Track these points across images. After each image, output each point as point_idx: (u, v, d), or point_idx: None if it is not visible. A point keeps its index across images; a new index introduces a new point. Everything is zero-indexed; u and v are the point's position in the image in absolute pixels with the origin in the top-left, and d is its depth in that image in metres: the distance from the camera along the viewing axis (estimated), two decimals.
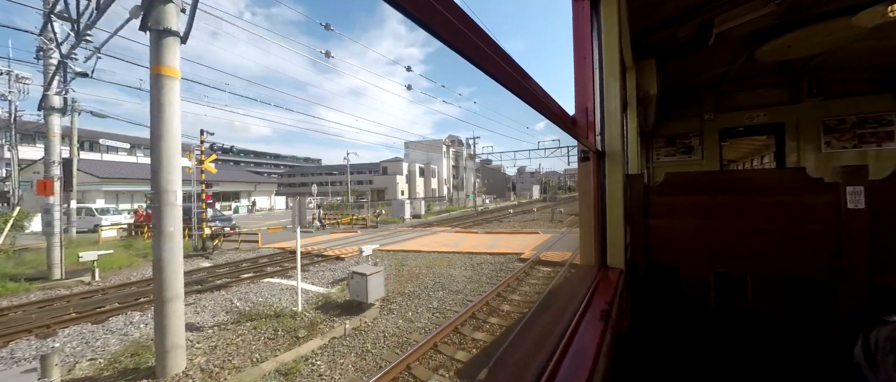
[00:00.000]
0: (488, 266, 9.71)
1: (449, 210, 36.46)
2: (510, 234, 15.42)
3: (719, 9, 2.66)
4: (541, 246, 11.77)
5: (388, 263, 10.15)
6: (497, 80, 0.62)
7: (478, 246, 12.27)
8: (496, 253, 11.04)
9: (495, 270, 9.21)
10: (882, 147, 4.28)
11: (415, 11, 0.39)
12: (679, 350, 1.91)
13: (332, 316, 6.30)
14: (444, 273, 9.02)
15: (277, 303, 7.07)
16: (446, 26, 0.46)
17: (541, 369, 0.85)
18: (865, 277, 1.55)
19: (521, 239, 13.90)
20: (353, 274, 6.59)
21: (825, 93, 4.50)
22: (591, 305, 1.25)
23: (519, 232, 16.21)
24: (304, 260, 10.73)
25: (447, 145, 53.54)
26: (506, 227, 18.69)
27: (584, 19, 1.80)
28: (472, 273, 9.05)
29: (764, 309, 1.78)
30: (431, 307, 6.69)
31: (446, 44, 0.46)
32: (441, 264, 9.88)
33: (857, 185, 1.56)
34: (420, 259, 10.70)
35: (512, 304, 6.73)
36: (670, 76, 4.02)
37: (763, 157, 9.72)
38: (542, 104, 0.91)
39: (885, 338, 1.30)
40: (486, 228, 18.57)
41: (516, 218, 23.57)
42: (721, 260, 1.86)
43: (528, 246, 11.72)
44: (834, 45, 3.30)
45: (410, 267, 9.77)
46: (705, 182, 1.99)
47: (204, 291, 8.11)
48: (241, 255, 12.50)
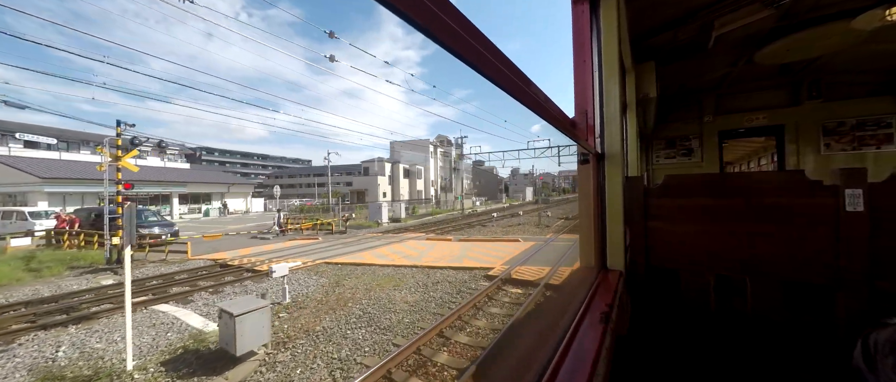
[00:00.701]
0: (446, 286, 7.91)
1: (434, 213, 34.77)
2: (487, 242, 13.90)
3: (719, 12, 2.67)
4: (516, 258, 10.25)
5: (322, 283, 8.42)
6: (499, 86, 0.62)
7: (442, 259, 10.61)
8: (461, 267, 9.42)
9: (452, 292, 7.41)
10: (881, 149, 4.29)
11: (417, 18, 0.40)
12: (679, 353, 1.91)
13: (176, 379, 4.48)
14: (384, 297, 7.17)
15: (119, 352, 5.17)
16: (448, 33, 0.46)
17: (540, 371, 0.85)
18: (865, 280, 1.56)
19: (497, 248, 12.41)
20: (221, 313, 4.81)
21: (825, 95, 4.51)
22: (590, 307, 1.25)
23: (497, 239, 14.54)
24: (230, 275, 9.52)
25: (435, 145, 51.26)
26: (485, 233, 17.31)
27: (584, 22, 1.80)
28: (420, 297, 7.16)
29: (764, 312, 1.79)
30: (337, 359, 4.82)
31: (449, 50, 0.47)
32: (387, 284, 8.14)
33: (856, 188, 1.56)
34: (366, 276, 8.99)
35: (454, 351, 4.86)
36: (670, 78, 4.03)
37: (760, 159, 9.74)
38: (543, 108, 0.92)
39: (884, 341, 1.30)
40: (463, 234, 17.09)
41: (501, 223, 22.15)
42: (721, 262, 1.86)
43: (502, 259, 10.28)
44: (833, 48, 3.31)
45: (347, 288, 7.96)
46: (705, 184, 1.99)
47: (49, 326, 6.14)
48: (161, 269, 10.75)
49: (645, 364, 1.82)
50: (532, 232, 16.83)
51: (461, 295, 7.30)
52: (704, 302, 1.91)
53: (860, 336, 1.40)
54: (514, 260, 9.92)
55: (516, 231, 17.84)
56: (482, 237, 15.85)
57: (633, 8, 2.40)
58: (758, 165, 10.15)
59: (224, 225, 25.38)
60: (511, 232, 17.52)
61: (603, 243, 1.82)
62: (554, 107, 1.09)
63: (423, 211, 36.46)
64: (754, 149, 9.11)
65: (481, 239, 14.80)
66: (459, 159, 42.83)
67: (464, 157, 42.26)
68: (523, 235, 15.79)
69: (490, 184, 67.48)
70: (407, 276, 8.90)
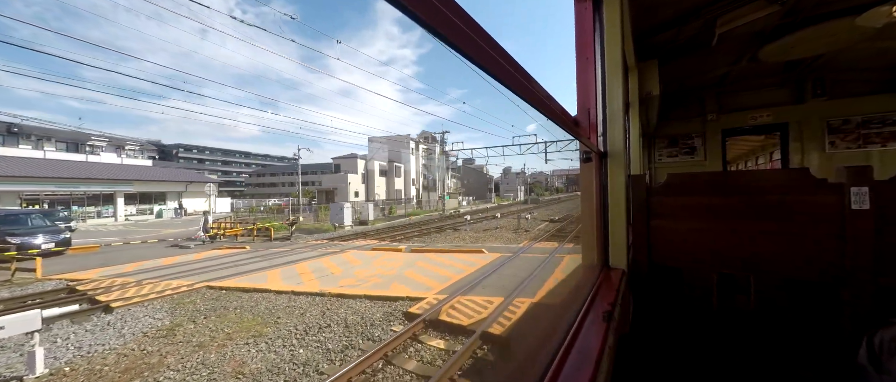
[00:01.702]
0: (336, 330, 5.52)
1: (413, 214, 32.09)
2: (443, 253, 11.28)
3: (722, 9, 2.66)
4: (466, 281, 7.68)
5: (153, 325, 6.03)
6: (502, 83, 0.62)
7: (368, 280, 8.19)
8: (383, 296, 6.91)
9: (336, 348, 4.93)
10: (887, 147, 4.25)
11: (421, 14, 0.39)
12: (682, 352, 1.90)
13: None
14: (214, 360, 4.76)
15: None
16: (451, 29, 0.46)
17: (543, 370, 0.85)
18: (870, 279, 1.55)
19: (451, 262, 9.85)
20: None
21: (829, 93, 4.48)
22: (593, 306, 1.25)
23: (457, 250, 11.68)
24: (53, 306, 6.46)
25: (416, 141, 47.28)
26: (449, 240, 15.02)
27: (587, 20, 1.80)
28: (277, 359, 4.71)
29: (767, 311, 1.78)
30: None
31: (451, 46, 0.47)
32: (252, 327, 5.83)
33: (861, 186, 1.55)
34: (238, 310, 6.61)
35: None
36: (673, 76, 4.01)
37: (758, 158, 9.70)
38: (545, 106, 0.92)
39: (889, 340, 1.30)
40: (422, 242, 14.74)
41: (476, 226, 19.68)
42: (724, 260, 1.86)
43: (449, 280, 7.83)
44: (838, 46, 3.28)
45: (184, 335, 5.61)
46: (708, 182, 1.98)
47: None
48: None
49: (648, 362, 1.81)
50: (505, 239, 14.63)
51: (347, 353, 4.77)
52: (707, 301, 1.90)
53: (865, 334, 1.39)
54: (460, 286, 7.31)
55: (488, 237, 15.59)
56: (442, 245, 13.06)
57: (636, 6, 2.38)
58: (755, 164, 10.12)
59: (160, 229, 22.62)
60: (481, 238, 15.13)
61: (606, 241, 1.81)
62: (556, 105, 1.09)
63: (403, 211, 34.13)
64: (752, 147, 9.07)
65: (437, 250, 11.91)
66: (444, 156, 40.17)
67: (450, 155, 39.78)
68: (493, 243, 13.53)
69: (479, 183, 65.17)
70: (294, 312, 6.40)
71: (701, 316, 1.92)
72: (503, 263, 9.51)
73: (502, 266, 9.21)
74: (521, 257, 10.32)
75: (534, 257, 10.26)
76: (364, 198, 40.58)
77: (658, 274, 1.99)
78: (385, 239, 15.94)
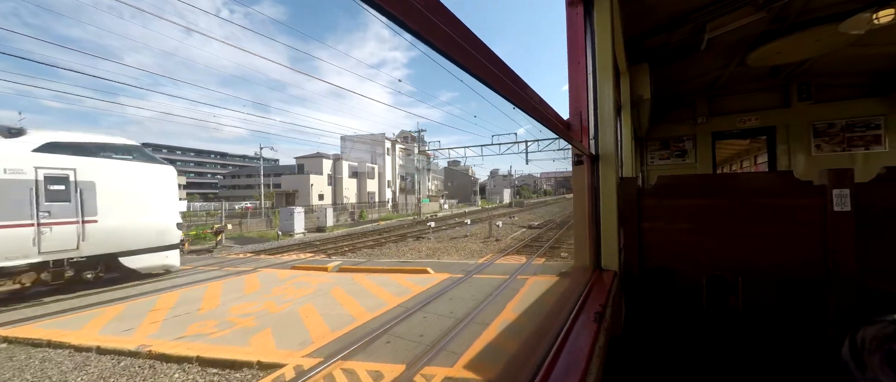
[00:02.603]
0: None
1: (385, 218, 30.32)
2: (376, 274, 8.77)
3: (711, 15, 2.71)
4: (376, 323, 5.55)
5: None
6: (493, 89, 0.63)
7: (231, 325, 5.85)
8: (221, 359, 4.59)
9: None
10: (870, 150, 4.37)
11: (413, 25, 0.40)
12: (673, 352, 1.93)
13: None
14: None
15: None
16: (441, 36, 0.47)
17: (534, 371, 0.86)
18: (853, 278, 1.59)
19: (377, 289, 7.40)
20: None
21: (815, 97, 4.58)
22: (584, 307, 1.27)
23: (397, 269, 9.09)
24: None
25: (393, 141, 44.19)
26: (402, 253, 12.84)
27: (578, 25, 1.82)
28: None
29: (756, 311, 1.81)
30: None
31: (442, 53, 0.48)
32: None
33: (843, 188, 1.60)
34: None
35: None
36: (663, 80, 4.08)
37: (743, 161, 9.88)
38: (538, 110, 0.93)
39: (871, 337, 1.33)
40: (365, 255, 12.54)
41: (442, 234, 17.33)
42: (714, 262, 1.89)
43: (350, 324, 5.57)
44: (822, 51, 3.37)
45: None
46: (697, 185, 2.02)
47: None
48: None
49: (639, 363, 1.83)
50: (466, 253, 12.31)
51: None
52: (698, 301, 1.93)
53: (849, 332, 1.43)
54: (362, 334, 5.12)
55: (449, 249, 13.26)
56: (382, 263, 10.28)
57: (627, 11, 2.42)
58: (740, 167, 10.30)
59: None
60: (440, 251, 12.88)
61: (597, 243, 1.83)
62: (549, 109, 1.10)
63: (376, 216, 32.12)
64: (737, 151, 9.23)
65: (371, 269, 9.27)
66: (423, 157, 37.29)
67: (430, 156, 36.97)
68: (449, 259, 11.20)
69: (465, 185, 62.19)
70: None
71: (691, 317, 1.95)
72: (445, 289, 7.09)
73: (442, 294, 6.86)
74: (474, 280, 7.80)
75: (489, 280, 7.77)
76: (331, 202, 37.41)
77: (649, 276, 2.02)
78: (319, 254, 12.97)
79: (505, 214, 29.75)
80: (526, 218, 25.56)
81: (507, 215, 28.52)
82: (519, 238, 15.85)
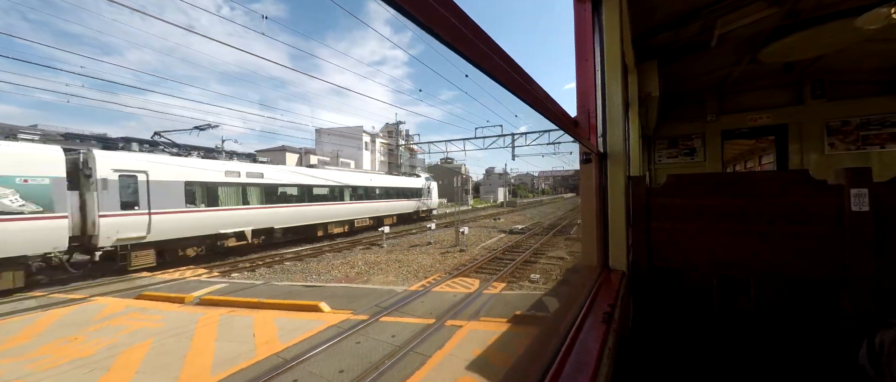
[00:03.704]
0: None
1: None
2: (246, 309, 6.42)
3: (722, 10, 2.66)
4: None
5: None
6: (500, 83, 0.62)
7: None
8: None
9: None
10: (886, 148, 4.26)
11: (421, 17, 0.39)
12: (682, 354, 1.90)
13: None
14: None
15: None
16: (450, 29, 0.46)
17: (542, 372, 0.85)
18: (870, 280, 1.54)
19: (221, 344, 5.01)
20: None
21: (829, 94, 4.48)
22: (593, 307, 1.25)
23: (278, 304, 6.55)
24: None
25: (372, 135, 38.64)
26: (324, 269, 10.00)
27: (586, 21, 1.80)
28: None
29: (767, 312, 1.77)
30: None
31: (450, 47, 0.47)
32: None
33: (861, 188, 1.55)
34: None
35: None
36: (672, 78, 4.02)
37: (747, 162, 9.73)
38: (545, 106, 0.91)
39: (890, 341, 1.29)
40: (263, 277, 9.31)
41: (401, 241, 14.83)
42: (724, 262, 1.85)
43: None
44: (837, 47, 3.29)
45: None
46: (708, 184, 1.98)
47: None
48: None
49: (648, 364, 1.81)
50: (409, 271, 9.46)
51: None
52: (708, 303, 1.90)
53: (866, 336, 1.39)
54: None
55: (393, 262, 10.54)
56: (275, 291, 7.50)
57: (636, 7, 2.39)
58: (744, 167, 10.14)
59: None
60: (378, 266, 10.19)
61: (605, 243, 1.81)
62: (556, 105, 1.08)
63: None
64: (742, 151, 9.09)
65: (242, 302, 6.72)
66: (411, 153, 33.85)
67: (416, 152, 33.21)
68: (379, 279, 8.66)
69: (458, 183, 61.37)
70: None
71: (701, 319, 1.92)
72: (311, 351, 4.60)
73: (305, 358, 4.43)
74: (377, 328, 5.41)
75: (401, 327, 5.40)
76: None
77: (658, 276, 1.99)
78: (224, 269, 10.11)
79: (492, 215, 27.08)
80: (512, 220, 22.74)
81: (493, 216, 25.97)
82: (491, 247, 12.79)
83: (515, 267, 9.40)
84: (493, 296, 6.93)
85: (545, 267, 9.49)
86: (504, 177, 67.38)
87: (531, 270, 9.15)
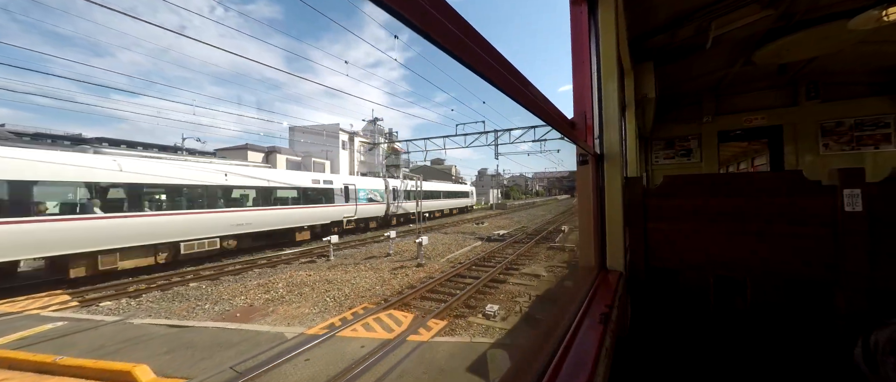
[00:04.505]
0: None
1: None
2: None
3: (716, 13, 2.68)
4: None
5: None
6: (496, 86, 0.62)
7: None
8: None
9: None
10: (880, 149, 4.30)
11: (414, 20, 0.39)
12: (680, 353, 1.90)
13: None
14: None
15: None
16: (443, 32, 0.46)
17: (540, 372, 0.85)
18: (864, 279, 1.56)
19: None
20: None
21: (823, 95, 4.53)
22: (590, 308, 1.25)
23: (82, 370, 4.14)
24: None
25: (351, 134, 35.42)
26: (228, 294, 8.02)
27: (582, 24, 1.81)
28: None
29: (764, 312, 1.78)
30: None
31: (444, 49, 0.47)
32: None
33: (854, 188, 1.57)
34: None
35: None
36: (668, 79, 4.04)
37: (740, 163, 9.80)
38: (541, 109, 0.92)
39: (885, 340, 1.30)
40: (127, 311, 7.16)
41: (353, 252, 12.65)
42: (720, 262, 1.87)
43: None
44: (831, 49, 3.32)
45: None
46: (704, 184, 1.99)
47: None
48: None
49: (646, 365, 1.81)
50: (332, 300, 7.36)
51: None
52: (704, 303, 1.91)
53: (861, 335, 1.40)
54: None
55: (319, 285, 8.41)
56: (118, 339, 5.63)
57: (631, 9, 2.41)
58: (737, 168, 10.21)
59: None
60: (299, 289, 8.14)
61: (602, 244, 1.82)
62: (552, 107, 1.09)
63: None
64: (736, 153, 9.16)
65: (36, 366, 4.35)
66: (395, 153, 32.02)
67: (400, 152, 31.08)
68: (279, 313, 6.71)
69: None
70: None
71: (698, 318, 1.93)
72: None
73: None
74: None
75: None
76: None
77: (655, 277, 1.99)
78: (88, 294, 8.14)
79: (477, 219, 25.21)
80: (496, 225, 21.01)
81: (477, 220, 24.15)
82: (457, 259, 10.79)
83: (473, 291, 7.25)
84: (417, 348, 4.86)
85: (512, 291, 7.37)
86: (496, 178, 66.68)
87: (493, 296, 7.13)
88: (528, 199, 70.82)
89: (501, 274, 8.76)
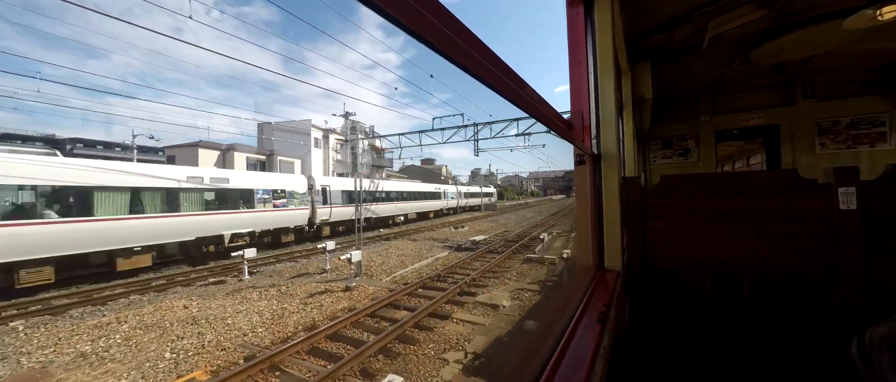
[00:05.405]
0: None
1: None
2: None
3: (712, 13, 2.70)
4: None
5: None
6: (491, 87, 0.63)
7: None
8: None
9: None
10: (875, 147, 4.33)
11: (407, 23, 0.40)
12: (677, 352, 1.91)
13: None
14: None
15: None
16: (437, 34, 0.47)
17: (537, 372, 0.85)
18: (860, 277, 1.57)
19: None
20: None
21: (819, 94, 4.55)
22: (588, 307, 1.25)
23: None
24: None
25: (326, 131, 31.88)
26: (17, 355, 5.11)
27: (578, 24, 1.82)
28: None
29: (761, 310, 1.79)
30: None
31: (438, 52, 0.47)
32: None
33: (849, 186, 1.58)
34: None
35: None
36: (665, 79, 4.06)
37: (735, 162, 9.83)
38: (538, 110, 0.92)
39: (880, 337, 1.31)
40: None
41: (289, 267, 10.68)
42: (718, 262, 1.87)
43: None
44: (827, 48, 3.34)
45: None
46: (701, 184, 2.00)
47: None
48: None
49: (643, 364, 1.82)
50: (161, 364, 4.75)
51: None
52: (702, 301, 1.92)
53: (856, 332, 1.41)
54: None
55: (187, 324, 6.06)
56: None
57: (628, 10, 2.42)
58: (732, 168, 10.25)
59: None
60: (128, 342, 5.46)
61: (600, 243, 1.82)
62: (549, 108, 1.10)
63: None
64: (732, 152, 9.20)
65: None
66: (378, 152, 29.69)
67: (384, 151, 28.62)
68: (94, 373, 4.44)
69: None
70: None
71: (696, 317, 1.93)
72: None
73: None
74: None
75: None
76: None
77: (653, 276, 2.00)
78: None
79: (457, 222, 23.54)
80: (476, 229, 19.23)
81: (456, 224, 22.41)
82: (406, 277, 8.93)
83: (393, 337, 5.10)
84: None
85: (449, 339, 5.09)
86: (490, 178, 65.40)
87: (416, 348, 4.83)
88: (522, 200, 70.09)
89: (448, 303, 6.61)
